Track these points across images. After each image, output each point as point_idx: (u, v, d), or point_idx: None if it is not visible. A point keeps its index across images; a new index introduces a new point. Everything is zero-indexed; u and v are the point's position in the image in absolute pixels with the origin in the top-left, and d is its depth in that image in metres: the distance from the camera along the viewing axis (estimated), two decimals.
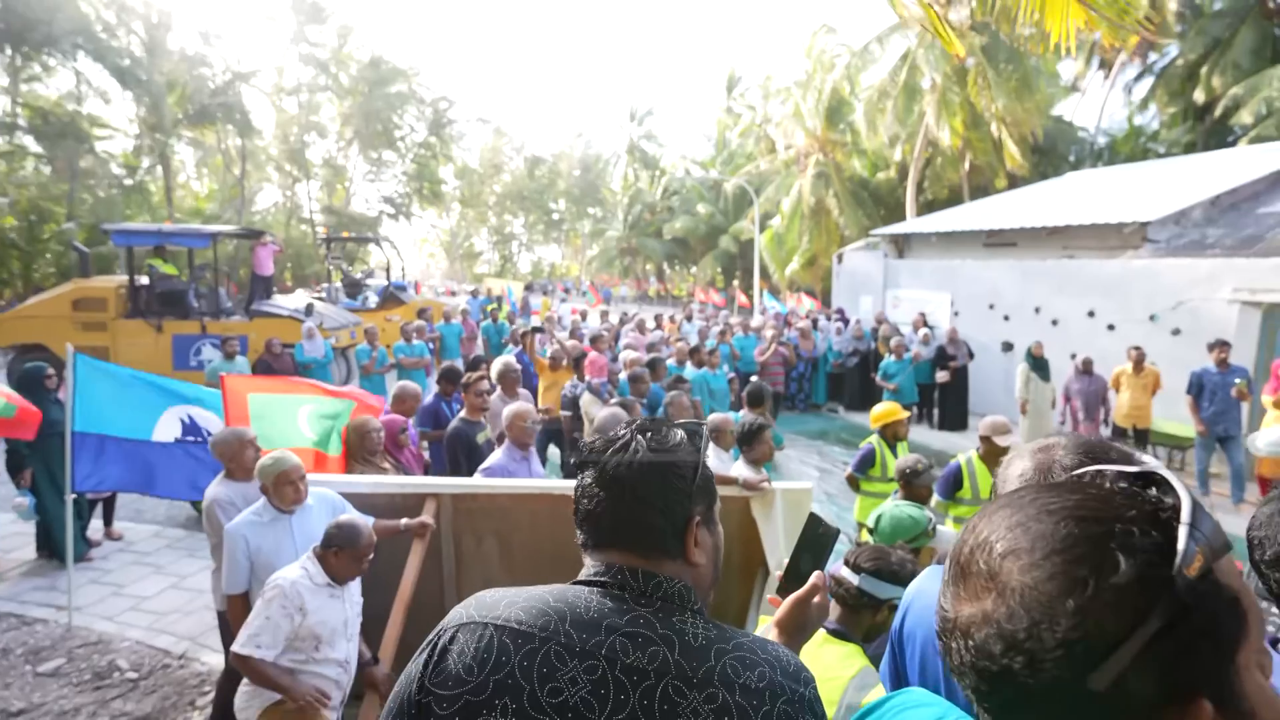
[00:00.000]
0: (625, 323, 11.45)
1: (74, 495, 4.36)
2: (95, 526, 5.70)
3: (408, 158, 38.23)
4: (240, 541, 2.76)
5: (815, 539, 1.19)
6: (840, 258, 15.45)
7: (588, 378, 5.76)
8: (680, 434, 0.97)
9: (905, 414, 4.77)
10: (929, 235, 13.37)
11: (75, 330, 10.13)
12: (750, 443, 3.76)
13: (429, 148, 38.39)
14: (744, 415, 5.02)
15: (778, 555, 3.25)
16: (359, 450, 3.58)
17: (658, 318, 12.14)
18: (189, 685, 3.87)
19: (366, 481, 3.31)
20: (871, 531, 2.61)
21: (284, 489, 2.80)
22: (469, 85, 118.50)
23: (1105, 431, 7.77)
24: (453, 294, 24.96)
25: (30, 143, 23.31)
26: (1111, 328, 9.25)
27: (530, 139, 66.12)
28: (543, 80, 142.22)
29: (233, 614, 2.85)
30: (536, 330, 8.34)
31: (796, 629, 1.12)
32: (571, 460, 0.99)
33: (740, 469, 3.74)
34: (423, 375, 8.37)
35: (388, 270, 16.69)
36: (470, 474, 3.71)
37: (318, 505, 2.94)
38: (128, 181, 27.19)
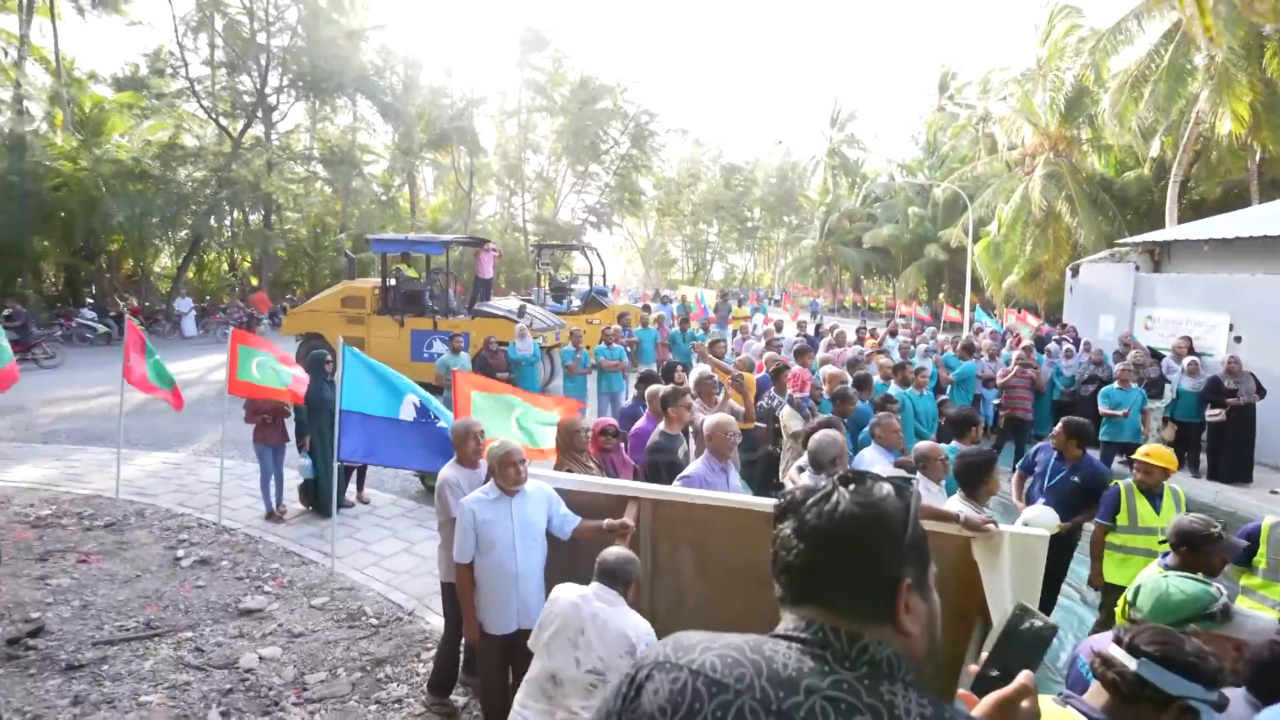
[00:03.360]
0: (822, 335, 11.01)
1: (339, 462, 5.19)
2: (350, 490, 6.71)
3: (611, 170, 40.47)
4: (469, 515, 3.07)
5: (1024, 634, 1.02)
6: (1075, 270, 13.50)
7: (789, 391, 5.61)
8: (887, 489, 0.88)
9: (1175, 465, 3.98)
10: (1199, 244, 11.17)
11: (342, 323, 12.05)
12: (977, 478, 3.36)
13: (631, 160, 40.31)
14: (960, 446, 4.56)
15: (1002, 606, 2.88)
16: (567, 448, 3.81)
17: (859, 331, 11.51)
18: (415, 639, 4.39)
19: (574, 479, 3.50)
20: (1131, 603, 2.18)
21: (507, 470, 3.08)
22: (671, 97, 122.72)
23: None
24: (650, 300, 26.01)
25: (319, 170, 28.43)
26: None
27: (728, 148, 66.61)
28: (743, 89, 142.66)
29: (460, 582, 3.17)
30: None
31: None
32: (776, 503, 0.86)
33: (957, 505, 3.37)
34: (620, 378, 8.74)
35: (590, 276, 17.77)
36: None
37: (535, 493, 3.19)
38: (383, 198, 32.03)
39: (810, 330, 12.59)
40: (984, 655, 1.03)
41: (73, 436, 8.84)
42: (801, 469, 3.91)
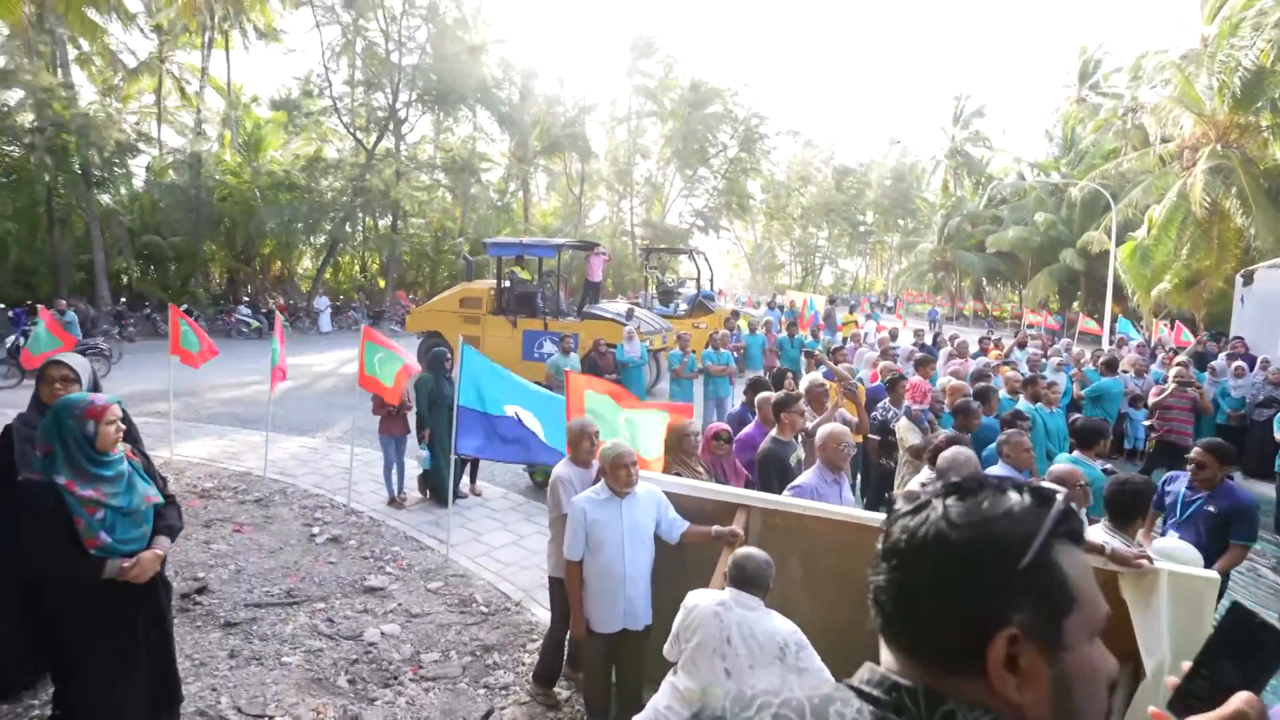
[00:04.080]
0: (941, 345, 10.38)
1: (455, 455, 5.46)
2: (463, 481, 7.04)
3: (719, 174, 40.29)
4: (580, 514, 3.14)
5: (1246, 643, 0.81)
6: (1248, 277, 11.96)
7: (906, 402, 5.33)
8: (1010, 503, 0.68)
9: None
10: None
11: (460, 323, 12.71)
12: (1132, 508, 3.01)
13: (739, 163, 39.95)
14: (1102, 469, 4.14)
15: (1158, 654, 2.57)
16: (676, 451, 3.81)
17: (982, 341, 10.74)
18: (521, 630, 4.53)
19: (683, 484, 3.49)
20: None
21: (618, 472, 3.12)
22: (782, 98, 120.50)
23: None
24: (755, 305, 25.61)
25: (441, 177, 30.26)
26: None
27: (840, 149, 64.37)
28: (859, 88, 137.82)
29: (569, 579, 3.23)
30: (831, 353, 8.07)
31: None
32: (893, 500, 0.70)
33: (1102, 535, 3.06)
34: (727, 383, 8.64)
35: (697, 280, 17.74)
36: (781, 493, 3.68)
37: (644, 496, 3.21)
38: (498, 203, 33.58)
39: (928, 339, 11.90)
40: (1185, 665, 0.83)
41: (230, 419, 9.89)
42: (925, 485, 3.70)
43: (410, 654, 4.15)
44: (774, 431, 4.24)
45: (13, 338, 11.99)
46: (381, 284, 29.60)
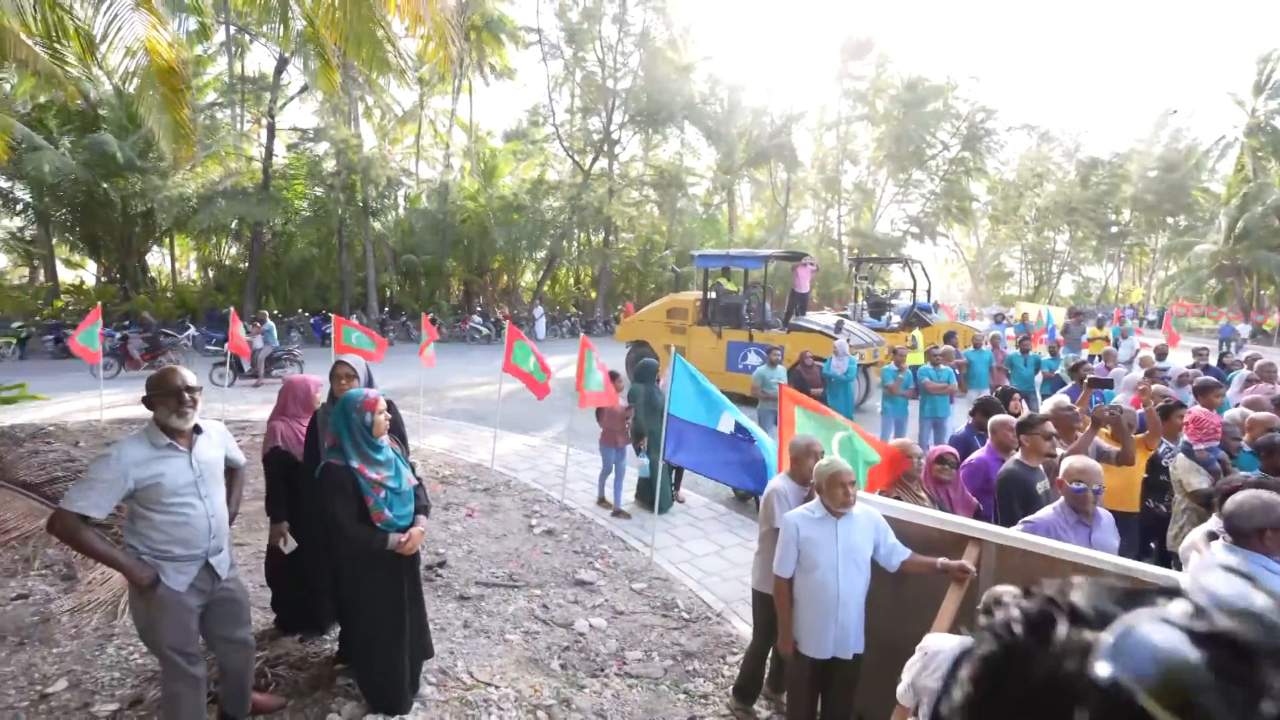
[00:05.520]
0: (1229, 367, 8.48)
1: (662, 461, 5.61)
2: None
3: (937, 176, 37.22)
4: (793, 530, 3.02)
5: None
6: None
7: (1183, 437, 4.40)
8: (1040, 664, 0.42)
9: None
10: None
11: (666, 333, 13.11)
12: None
13: (961, 164, 36.55)
14: None
15: None
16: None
17: None
18: (722, 641, 4.50)
19: (907, 509, 3.22)
20: None
21: (835, 490, 2.95)
22: (1017, 87, 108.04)
23: None
24: (978, 318, 23.06)
25: (650, 193, 31.71)
26: None
27: (1087, 139, 55.85)
28: (1113, 66, 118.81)
29: (779, 595, 3.13)
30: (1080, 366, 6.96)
31: None
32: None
33: None
34: (947, 403, 7.88)
35: (913, 291, 16.53)
36: None
37: (862, 517, 3.02)
38: (704, 216, 34.27)
39: (1212, 360, 9.79)
40: None
41: (464, 416, 11.21)
42: (1213, 535, 3.01)
43: (615, 649, 4.32)
44: (1018, 454, 3.74)
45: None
46: (593, 295, 31.72)
